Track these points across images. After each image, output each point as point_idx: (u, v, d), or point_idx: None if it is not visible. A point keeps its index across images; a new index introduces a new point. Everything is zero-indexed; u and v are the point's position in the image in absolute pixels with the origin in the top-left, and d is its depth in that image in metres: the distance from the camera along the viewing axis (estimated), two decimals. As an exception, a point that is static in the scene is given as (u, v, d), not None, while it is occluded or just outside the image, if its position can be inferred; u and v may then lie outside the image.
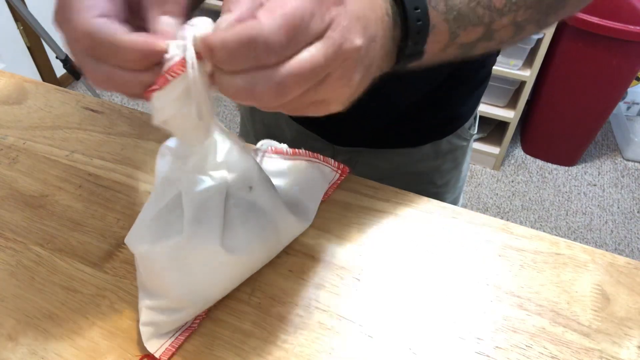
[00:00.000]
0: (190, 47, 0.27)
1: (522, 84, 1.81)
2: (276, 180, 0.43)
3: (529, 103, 2.00)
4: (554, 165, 2.08)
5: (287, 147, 0.51)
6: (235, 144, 0.39)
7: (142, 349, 0.39)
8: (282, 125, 0.72)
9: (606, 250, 1.15)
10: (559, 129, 1.96)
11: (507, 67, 1.75)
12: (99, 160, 0.55)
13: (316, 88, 0.29)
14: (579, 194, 1.97)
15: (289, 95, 0.27)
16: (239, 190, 0.40)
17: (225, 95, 0.28)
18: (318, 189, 0.49)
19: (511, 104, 1.90)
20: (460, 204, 0.80)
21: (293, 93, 0.27)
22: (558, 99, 1.89)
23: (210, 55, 0.26)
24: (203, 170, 0.38)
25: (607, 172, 2.06)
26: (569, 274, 0.44)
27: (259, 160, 0.49)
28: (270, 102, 0.27)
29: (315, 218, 0.49)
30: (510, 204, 1.93)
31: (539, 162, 2.10)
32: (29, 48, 2.13)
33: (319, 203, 0.49)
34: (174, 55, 0.28)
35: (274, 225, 0.42)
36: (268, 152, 0.50)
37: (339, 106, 0.31)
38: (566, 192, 1.97)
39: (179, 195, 0.38)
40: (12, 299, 0.43)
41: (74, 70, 1.62)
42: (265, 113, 0.74)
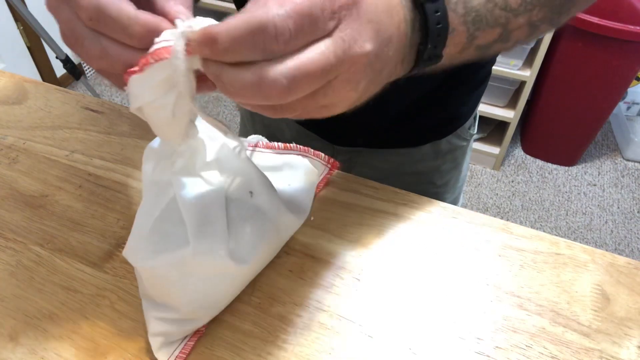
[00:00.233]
0: (180, 36, 0.27)
1: (522, 84, 1.81)
2: (269, 175, 0.42)
3: (529, 103, 2.00)
4: (554, 165, 2.08)
5: (279, 142, 0.50)
6: (226, 133, 0.35)
7: (146, 353, 0.39)
8: (282, 126, 0.72)
9: (606, 250, 1.15)
10: (559, 129, 1.96)
11: (507, 67, 1.75)
12: (99, 160, 0.55)
13: (325, 91, 0.28)
14: (579, 194, 1.97)
15: (298, 92, 0.27)
16: (239, 196, 0.40)
17: (229, 95, 0.27)
18: (310, 182, 0.49)
19: (511, 104, 1.90)
20: (460, 204, 0.80)
21: (302, 90, 0.27)
22: (558, 99, 1.89)
23: (212, 47, 0.25)
24: (193, 171, 0.37)
25: (607, 172, 2.06)
26: (569, 274, 0.44)
27: (249, 155, 0.49)
28: (277, 99, 0.26)
29: (315, 218, 0.49)
30: (510, 204, 1.93)
31: (539, 162, 2.10)
32: (29, 48, 2.13)
33: (312, 196, 0.49)
34: (164, 41, 0.27)
35: (275, 226, 0.42)
36: (259, 147, 0.49)
37: (343, 109, 0.31)
38: (566, 192, 1.97)
39: (173, 200, 0.37)
40: (12, 299, 0.43)
41: (74, 70, 1.63)
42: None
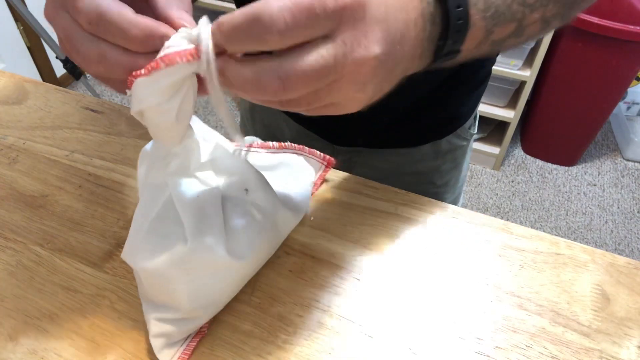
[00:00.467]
0: (208, 38, 0.27)
1: (522, 84, 1.81)
2: (265, 174, 0.42)
3: (529, 103, 2.00)
4: (554, 165, 2.08)
5: (273, 141, 0.50)
6: (231, 129, 0.34)
7: (146, 353, 0.39)
8: (282, 125, 0.72)
9: (606, 250, 1.15)
10: (559, 129, 1.96)
11: (507, 67, 1.75)
12: (99, 160, 0.55)
13: (329, 90, 0.28)
14: (579, 194, 1.97)
15: (294, 91, 0.27)
16: (235, 194, 0.40)
17: (232, 89, 0.28)
18: (307, 180, 0.49)
19: (511, 104, 1.90)
20: (460, 204, 0.80)
21: (299, 90, 0.27)
22: (558, 99, 1.89)
23: (219, 35, 0.26)
24: (188, 171, 0.37)
25: (607, 172, 2.06)
26: (569, 274, 0.44)
27: (245, 155, 0.49)
28: (274, 96, 0.27)
29: (315, 218, 0.49)
30: (510, 204, 1.93)
31: (539, 162, 2.10)
32: (29, 48, 2.13)
33: (310, 194, 0.49)
34: (175, 45, 0.27)
35: (272, 222, 0.42)
36: (254, 147, 0.49)
37: (356, 108, 0.31)
38: (566, 192, 1.97)
39: (169, 201, 0.37)
40: (12, 299, 0.43)
41: (74, 70, 1.63)
42: (265, 113, 0.74)
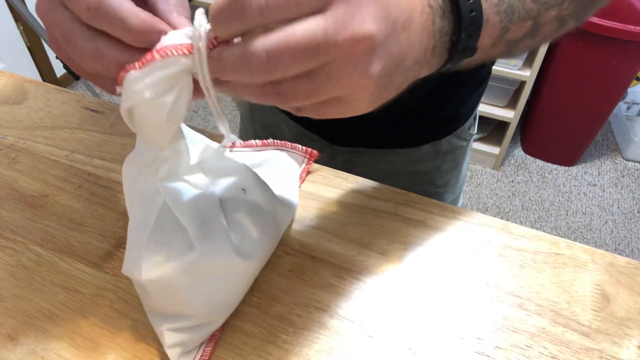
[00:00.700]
0: (204, 32, 0.26)
1: (522, 84, 1.81)
2: None
3: (529, 103, 2.00)
4: (554, 165, 2.08)
5: (256, 140, 0.50)
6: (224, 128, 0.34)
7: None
8: (282, 126, 0.72)
9: (606, 250, 1.15)
10: (559, 129, 1.96)
11: (507, 67, 1.75)
12: (99, 160, 0.55)
13: (327, 76, 0.26)
14: (579, 194, 1.97)
15: (280, 67, 0.25)
16: (234, 195, 0.40)
17: (223, 77, 0.27)
18: (293, 174, 0.50)
19: (511, 104, 1.90)
20: (460, 204, 0.80)
21: (286, 67, 0.25)
22: (558, 99, 1.89)
23: (210, 20, 0.26)
24: (178, 175, 0.37)
25: (607, 172, 2.06)
26: (569, 274, 0.44)
27: (228, 154, 0.49)
28: (259, 73, 0.25)
29: (315, 218, 0.49)
30: (510, 204, 1.93)
31: (539, 162, 2.10)
32: (29, 48, 2.13)
33: (298, 188, 0.49)
34: (171, 40, 0.27)
35: (273, 218, 0.42)
36: (237, 147, 0.48)
37: (366, 105, 0.29)
38: (566, 192, 1.97)
39: (165, 208, 0.36)
40: (12, 299, 0.43)
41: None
42: (265, 114, 0.74)
